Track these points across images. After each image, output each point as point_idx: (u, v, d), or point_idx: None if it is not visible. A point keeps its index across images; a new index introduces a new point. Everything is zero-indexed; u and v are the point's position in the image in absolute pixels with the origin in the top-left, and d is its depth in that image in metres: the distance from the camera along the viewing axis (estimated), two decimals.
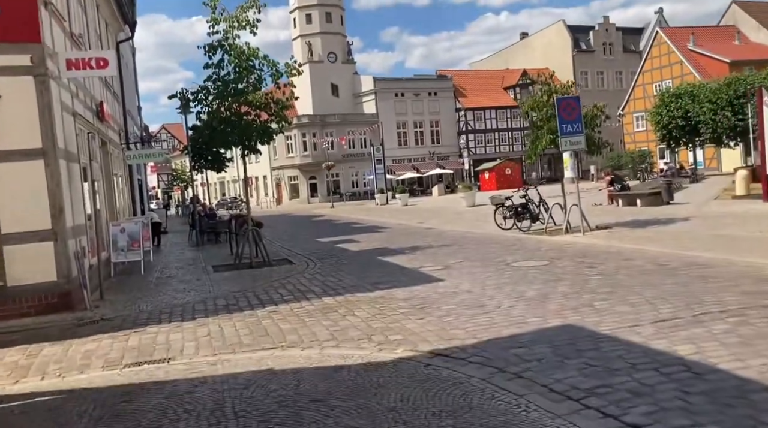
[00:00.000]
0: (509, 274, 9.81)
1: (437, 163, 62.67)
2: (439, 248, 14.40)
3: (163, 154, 19.24)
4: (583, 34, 71.88)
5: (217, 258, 16.74)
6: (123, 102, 20.34)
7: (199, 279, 12.47)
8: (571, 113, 14.37)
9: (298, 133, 59.62)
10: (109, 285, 12.34)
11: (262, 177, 66.58)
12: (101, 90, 15.55)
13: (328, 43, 62.90)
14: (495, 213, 18.18)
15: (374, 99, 62.19)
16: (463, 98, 64.84)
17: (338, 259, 14.07)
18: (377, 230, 22.03)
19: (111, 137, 16.35)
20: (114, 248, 13.80)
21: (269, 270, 13.16)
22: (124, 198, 18.88)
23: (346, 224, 27.28)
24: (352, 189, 60.85)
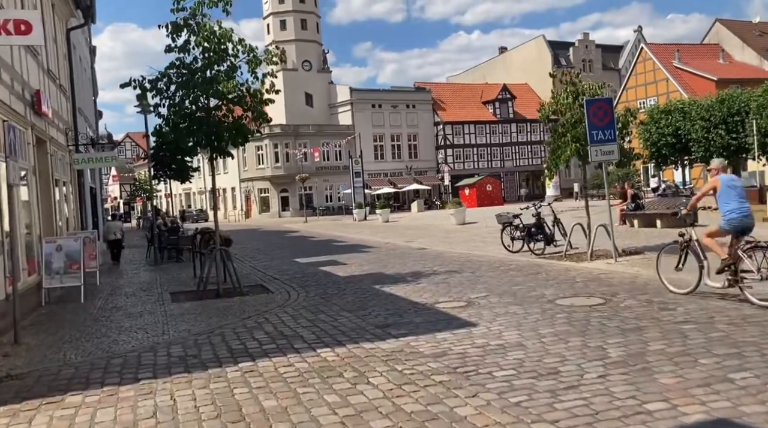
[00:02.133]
0: (563, 319, 7.47)
1: (414, 178, 60.59)
2: (447, 275, 12.04)
3: (116, 157, 16.58)
4: (563, 50, 71.11)
5: (178, 281, 14.12)
6: (73, 99, 17.63)
7: (151, 314, 9.86)
8: (602, 118, 12.21)
9: (270, 143, 56.96)
10: (34, 320, 9.66)
11: (230, 188, 63.62)
12: (41, 78, 12.90)
13: (303, 50, 60.61)
14: (502, 233, 15.93)
15: (350, 110, 59.98)
16: (441, 112, 63.04)
17: (326, 288, 11.59)
18: (362, 250, 19.60)
19: (52, 136, 13.67)
20: (47, 270, 11.11)
21: (241, 301, 10.62)
22: (69, 208, 16.12)
23: (324, 242, 24.76)
24: (326, 203, 58.32)
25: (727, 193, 7.88)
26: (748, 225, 7.83)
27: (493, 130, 65.06)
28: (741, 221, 7.76)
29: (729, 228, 7.88)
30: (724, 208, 7.89)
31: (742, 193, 7.99)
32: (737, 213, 7.76)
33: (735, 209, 7.78)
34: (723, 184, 7.96)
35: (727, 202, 7.86)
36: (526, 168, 67.08)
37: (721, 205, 7.97)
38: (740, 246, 7.70)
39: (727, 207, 7.84)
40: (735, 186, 7.98)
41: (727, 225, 7.87)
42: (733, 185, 7.98)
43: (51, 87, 14.21)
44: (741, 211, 7.77)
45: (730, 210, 7.81)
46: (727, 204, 7.85)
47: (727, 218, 7.86)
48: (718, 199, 8.00)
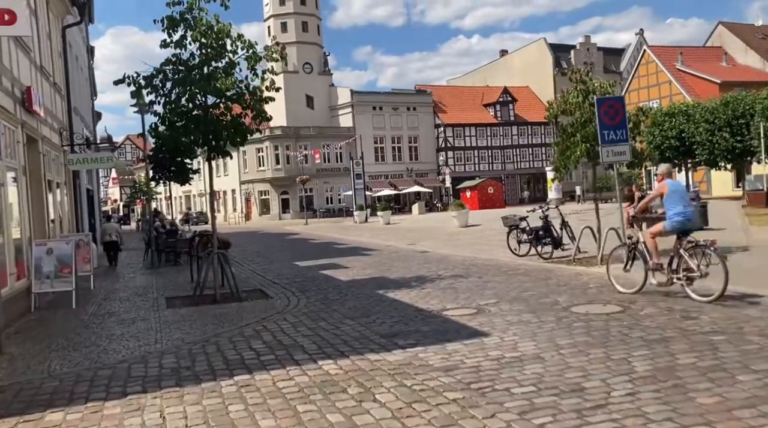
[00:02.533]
0: (580, 328, 7.03)
1: (415, 180, 60.16)
2: (453, 280, 11.59)
3: (112, 158, 16.13)
4: (564, 53, 70.78)
5: (174, 285, 13.68)
6: (68, 97, 17.21)
7: (145, 320, 9.42)
8: (614, 117, 11.77)
9: (271, 145, 56.56)
10: (21, 326, 9.22)
11: (230, 191, 63.23)
12: (33, 75, 12.48)
13: (303, 53, 60.25)
14: (508, 236, 15.49)
15: (351, 112, 59.58)
16: (442, 114, 62.65)
17: (327, 293, 11.14)
18: (364, 252, 19.15)
19: (45, 135, 13.24)
20: (37, 275, 10.66)
21: (239, 307, 10.18)
22: (63, 210, 15.69)
23: (325, 244, 24.31)
24: (327, 205, 57.89)
25: (672, 196, 8.44)
26: (691, 226, 8.46)
27: (494, 133, 64.67)
28: (684, 223, 8.31)
29: (671, 229, 8.42)
30: (671, 210, 8.42)
31: (686, 197, 8.61)
32: (682, 216, 8.30)
33: (680, 212, 8.31)
34: (669, 188, 8.52)
35: (673, 206, 8.40)
36: (527, 170, 66.66)
37: (667, 208, 8.50)
38: (683, 246, 8.25)
39: (674, 210, 8.38)
40: (680, 190, 8.59)
41: (670, 226, 8.42)
42: (678, 190, 8.57)
43: (44, 84, 13.79)
44: (685, 213, 8.31)
45: (675, 212, 8.34)
46: (674, 207, 8.39)
47: (672, 220, 8.39)
48: (665, 203, 8.53)
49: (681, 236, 8.33)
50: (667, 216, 8.46)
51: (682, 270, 8.21)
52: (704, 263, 8.01)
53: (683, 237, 8.33)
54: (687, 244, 8.23)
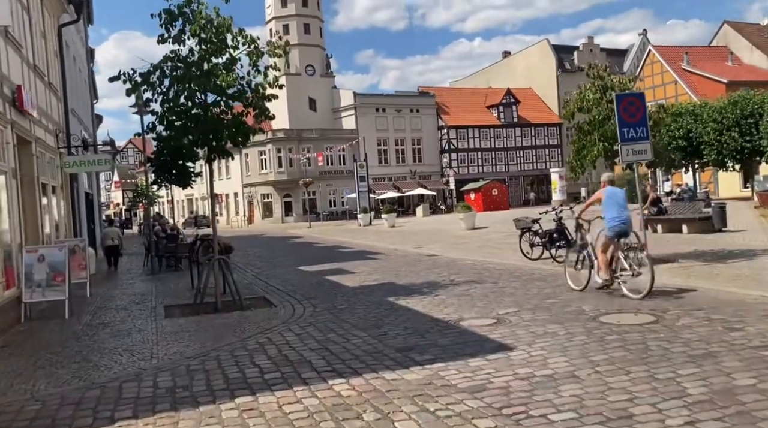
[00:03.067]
0: (615, 341, 6.43)
1: (419, 183, 59.52)
2: (467, 286, 10.99)
3: (110, 161, 15.56)
4: (567, 54, 70.17)
5: (174, 293, 13.12)
6: (65, 98, 16.67)
7: (141, 331, 8.84)
8: (634, 114, 11.19)
9: (273, 147, 56.02)
10: (9, 339, 8.65)
11: (232, 194, 62.71)
12: (25, 73, 11.93)
13: (305, 55, 59.71)
14: (521, 239, 14.91)
15: (354, 114, 59.01)
16: (445, 116, 62.06)
17: (334, 301, 10.56)
18: (370, 256, 18.57)
19: (39, 137, 12.69)
20: (27, 283, 10.10)
21: (241, 316, 9.61)
22: (59, 215, 15.13)
23: (330, 248, 23.73)
24: (330, 208, 57.30)
25: (608, 203, 9.16)
26: (625, 230, 9.07)
27: (497, 134, 64.05)
28: (620, 227, 8.98)
29: (611, 234, 9.04)
30: (607, 215, 9.11)
31: (623, 204, 9.11)
32: (617, 220, 8.97)
33: (615, 217, 8.99)
34: (606, 195, 9.26)
35: (609, 211, 9.09)
36: (530, 172, 66.03)
37: (604, 213, 9.19)
38: (620, 248, 9.00)
39: (609, 214, 9.06)
40: (616, 197, 9.18)
41: (610, 232, 9.05)
42: (615, 197, 9.19)
43: (38, 84, 13.24)
44: (620, 218, 8.96)
45: (611, 217, 9.03)
46: (609, 212, 9.07)
47: (609, 225, 9.06)
48: (603, 208, 9.25)
49: (617, 239, 9.04)
50: (606, 222, 9.12)
51: (620, 270, 8.98)
52: (636, 263, 8.79)
53: (619, 240, 9.05)
54: (623, 246, 9.02)
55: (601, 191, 9.52)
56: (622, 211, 9.01)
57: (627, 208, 9.12)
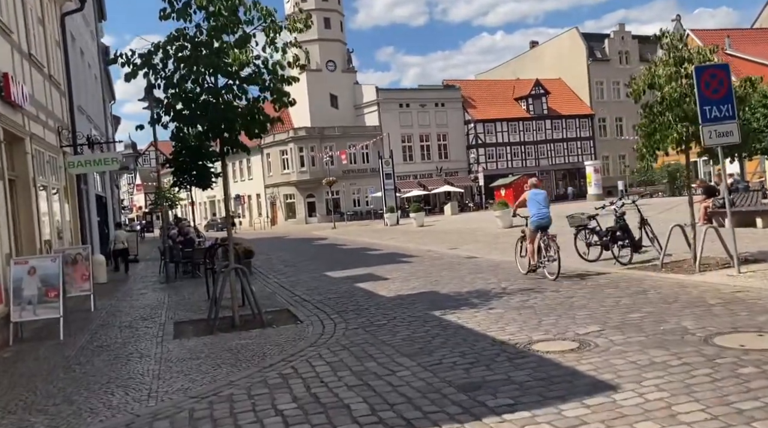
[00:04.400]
0: (756, 378, 4.78)
1: (445, 180, 57.84)
2: (524, 295, 9.38)
3: (117, 159, 14.22)
4: (598, 43, 67.77)
5: (189, 305, 11.73)
6: (70, 93, 15.40)
7: (143, 357, 7.41)
8: (717, 89, 9.49)
9: (295, 146, 54.79)
10: None
11: (255, 195, 61.63)
12: (16, 61, 10.61)
13: (326, 50, 58.30)
14: (576, 238, 13.23)
15: (377, 110, 57.52)
16: (472, 110, 60.23)
17: (369, 315, 9.03)
18: (402, 259, 17.02)
19: (35, 133, 11.37)
20: (16, 300, 8.74)
21: (261, 335, 8.14)
22: (64, 220, 13.85)
23: (357, 250, 22.23)
24: (354, 207, 55.88)
25: (531, 202, 11.23)
26: (545, 224, 11.01)
27: (526, 127, 62.05)
28: (539, 222, 11.01)
29: (534, 227, 11.09)
30: (530, 212, 11.21)
31: (543, 203, 11.12)
32: (536, 217, 11.04)
33: (535, 214, 11.08)
34: (529, 196, 11.35)
35: (531, 209, 11.20)
36: (562, 166, 63.91)
37: (529, 210, 11.28)
38: (541, 238, 10.88)
39: (531, 212, 11.19)
40: (537, 198, 11.20)
41: (532, 225, 11.17)
42: (536, 197, 11.22)
43: (35, 75, 11.94)
44: (539, 215, 11.01)
45: (532, 214, 11.15)
46: (531, 210, 11.19)
47: (531, 220, 11.19)
48: (527, 206, 11.32)
49: (540, 231, 10.95)
50: (530, 218, 11.22)
51: (542, 257, 10.86)
52: (554, 250, 10.62)
53: (542, 231, 10.94)
54: (543, 236, 10.88)
55: (526, 193, 11.63)
56: (541, 209, 11.07)
57: (547, 207, 11.14)
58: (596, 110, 65.11)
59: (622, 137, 65.98)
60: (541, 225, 11.03)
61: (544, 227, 11.03)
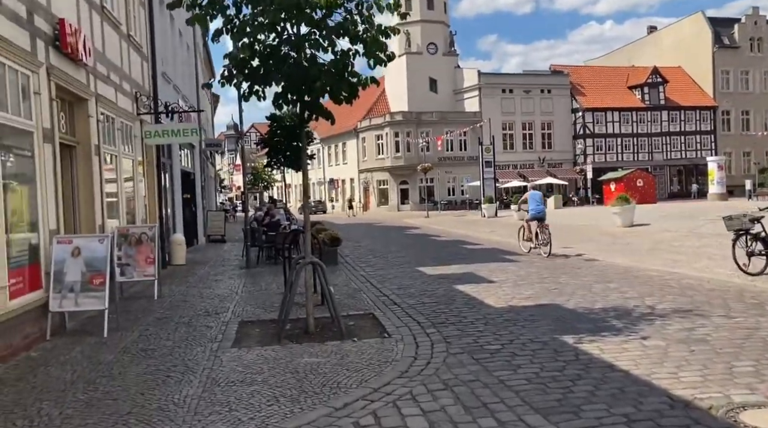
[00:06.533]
0: None
1: (548, 171, 54.38)
2: (684, 320, 7.03)
3: (196, 130, 12.89)
4: (726, 28, 61.38)
5: (263, 297, 10.18)
6: (153, 58, 14.24)
7: (186, 373, 5.77)
8: None
9: (391, 131, 53.16)
10: (8, 371, 5.86)
11: (348, 179, 60.67)
12: (82, 8, 9.31)
13: (428, 32, 56.05)
14: (734, 245, 10.58)
15: (478, 95, 54.73)
16: (581, 97, 56.19)
17: (475, 333, 7.01)
18: (506, 258, 14.80)
19: (102, 95, 10.11)
20: (56, 285, 7.39)
21: (337, 353, 6.32)
22: (136, 195, 12.68)
23: (453, 243, 20.17)
24: (448, 196, 53.60)
25: (530, 200, 15.08)
26: (540, 216, 14.68)
27: (640, 118, 57.25)
28: (535, 215, 14.70)
29: (530, 217, 14.88)
30: (529, 207, 14.97)
31: (539, 201, 15.03)
32: (533, 211, 14.75)
33: (532, 209, 14.79)
34: (529, 195, 15.28)
35: (530, 205, 14.98)
36: (677, 161, 58.60)
37: (528, 206, 15.08)
38: (537, 226, 14.65)
39: (530, 207, 14.94)
40: (535, 197, 15.09)
41: (529, 216, 14.96)
42: (534, 196, 15.12)
43: (107, 31, 10.69)
44: (535, 210, 14.71)
45: (531, 208, 14.88)
46: (530, 205, 14.97)
47: (530, 212, 14.91)
48: (528, 202, 15.17)
49: (536, 221, 14.65)
50: (528, 211, 14.96)
51: (538, 240, 14.57)
52: (546, 235, 14.42)
53: (538, 222, 14.63)
54: (539, 225, 14.57)
55: (527, 193, 15.56)
56: (538, 205, 14.74)
57: (541, 204, 14.92)
58: (720, 102, 59.16)
59: (748, 132, 59.76)
60: (536, 216, 14.73)
61: (540, 219, 14.69)
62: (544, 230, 14.42)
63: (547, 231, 14.42)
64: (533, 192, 15.40)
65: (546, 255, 14.17)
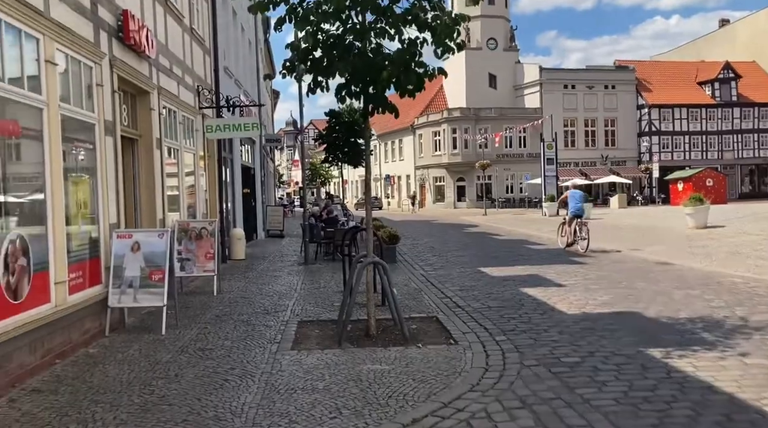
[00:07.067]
0: None
1: (611, 169, 52.59)
2: None
3: (256, 124, 12.77)
4: None
5: (321, 295, 9.92)
6: (215, 52, 14.20)
7: (245, 379, 5.49)
8: None
9: (448, 127, 52.50)
10: (51, 377, 5.73)
11: (404, 176, 60.31)
12: (146, 2, 9.23)
13: (488, 27, 54.97)
14: None
15: (538, 91, 53.39)
16: (647, 93, 54.08)
17: (552, 343, 6.50)
18: (573, 259, 14.11)
19: (164, 88, 10.03)
20: (116, 281, 7.27)
21: (401, 360, 5.95)
22: (197, 190, 12.63)
23: (515, 243, 19.51)
24: (506, 194, 52.50)
25: (570, 199, 16.11)
26: (579, 214, 15.74)
27: (710, 115, 54.67)
28: (575, 212, 15.74)
29: (571, 215, 15.83)
30: (570, 205, 15.99)
31: (579, 199, 15.98)
32: (573, 209, 15.77)
33: (572, 207, 15.81)
34: (569, 195, 16.25)
35: (570, 203, 16.02)
36: (750, 160, 55.74)
37: (569, 204, 16.10)
38: (577, 223, 15.60)
39: (570, 205, 15.97)
40: (575, 196, 16.08)
41: (570, 214, 15.90)
42: (574, 196, 16.10)
43: (170, 24, 10.62)
44: (575, 208, 15.75)
45: (571, 207, 15.88)
46: (570, 204, 15.99)
47: (570, 211, 15.91)
48: (568, 201, 16.27)
49: (575, 218, 15.72)
50: (569, 209, 15.98)
51: (576, 237, 15.48)
52: (585, 231, 15.35)
53: (577, 219, 15.70)
54: (578, 222, 15.63)
55: (567, 192, 16.87)
56: (577, 204, 15.79)
57: (581, 202, 15.96)
58: None
59: None
60: (576, 214, 15.71)
61: (579, 216, 15.72)
62: (583, 227, 15.39)
63: (586, 228, 15.42)
64: (573, 191, 16.37)
65: (584, 250, 15.04)
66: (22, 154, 5.95)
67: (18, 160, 5.84)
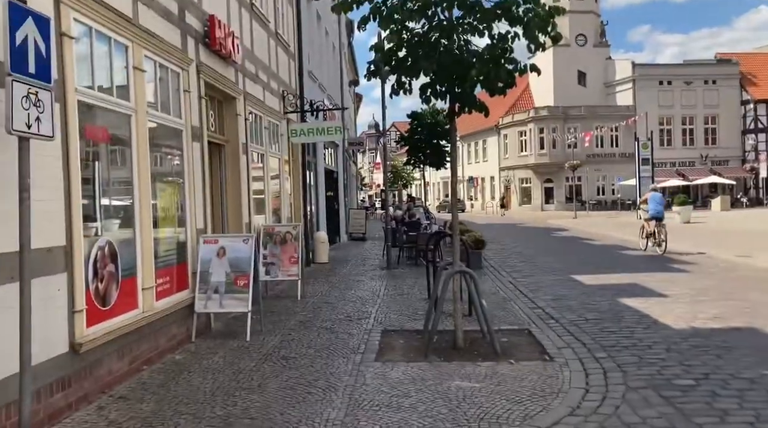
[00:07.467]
0: None
1: (711, 170, 49.45)
2: None
3: (339, 128, 12.67)
4: None
5: (405, 302, 9.64)
6: (299, 56, 14.25)
7: (329, 392, 5.27)
8: None
9: (535, 127, 51.06)
10: (136, 384, 5.73)
11: (488, 177, 59.25)
12: (233, 7, 9.28)
13: (577, 23, 52.97)
14: None
15: (631, 88, 51.01)
16: (752, 88, 50.46)
17: (659, 362, 5.91)
18: (675, 266, 13.14)
19: (251, 93, 10.08)
20: (202, 286, 7.28)
21: (492, 376, 5.56)
22: (282, 194, 12.68)
23: (609, 248, 18.53)
24: (597, 196, 50.45)
25: (651, 201, 16.32)
26: (658, 216, 15.89)
27: None
28: (654, 214, 15.93)
29: (649, 217, 16.13)
30: (649, 207, 16.20)
31: (659, 201, 16.27)
32: (652, 211, 15.97)
33: (652, 209, 16.01)
34: (650, 197, 16.49)
35: (650, 205, 16.23)
36: None
37: (648, 206, 16.33)
38: (656, 226, 15.84)
39: (650, 207, 16.17)
40: (655, 198, 16.28)
41: (648, 215, 16.23)
42: (654, 198, 16.31)
43: (256, 29, 10.67)
44: (654, 210, 15.93)
45: (650, 209, 16.10)
46: (650, 206, 16.20)
47: (649, 213, 16.19)
48: (648, 203, 16.48)
49: (655, 221, 15.92)
50: (648, 211, 16.24)
51: (654, 238, 15.89)
52: (663, 234, 15.68)
53: (657, 221, 15.87)
54: (657, 224, 15.82)
55: (648, 194, 17.07)
56: (657, 206, 16.05)
57: (661, 204, 16.23)
58: None
59: None
60: (655, 216, 15.90)
61: (658, 218, 15.86)
62: (661, 229, 15.74)
63: (664, 230, 15.76)
64: (654, 193, 16.71)
65: (661, 252, 15.44)
66: (111, 161, 6.01)
67: (107, 166, 5.89)
